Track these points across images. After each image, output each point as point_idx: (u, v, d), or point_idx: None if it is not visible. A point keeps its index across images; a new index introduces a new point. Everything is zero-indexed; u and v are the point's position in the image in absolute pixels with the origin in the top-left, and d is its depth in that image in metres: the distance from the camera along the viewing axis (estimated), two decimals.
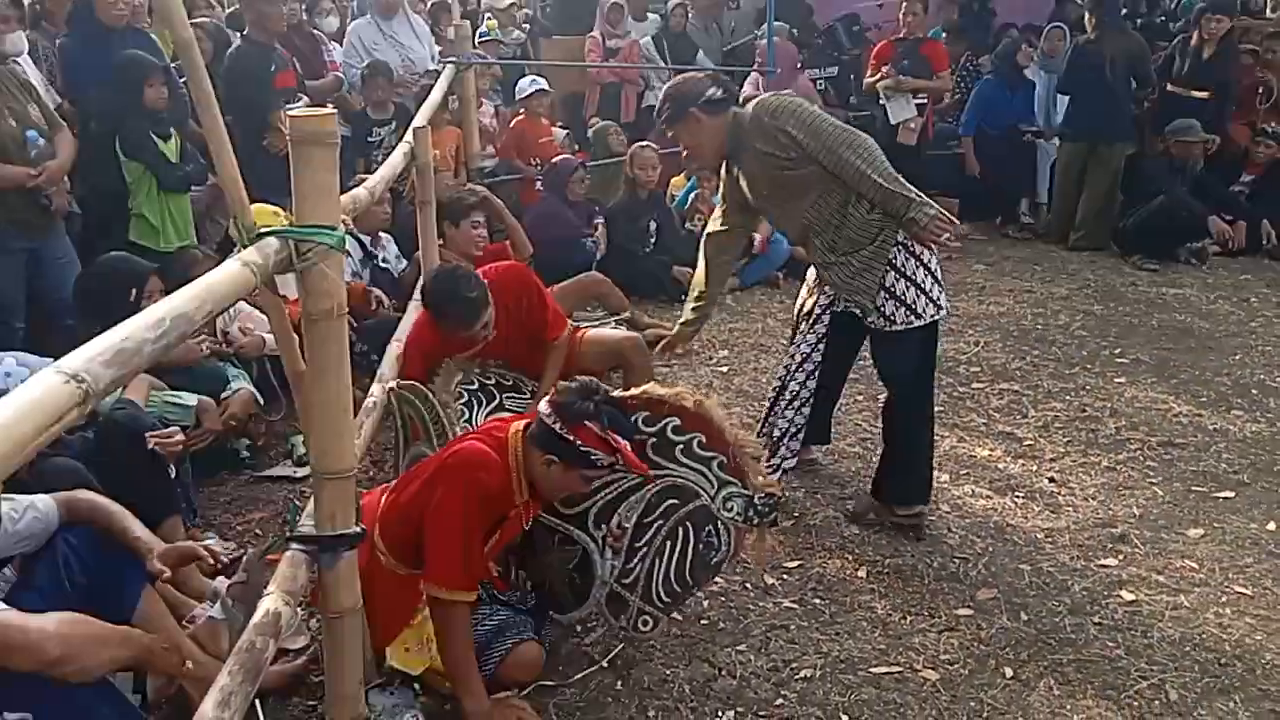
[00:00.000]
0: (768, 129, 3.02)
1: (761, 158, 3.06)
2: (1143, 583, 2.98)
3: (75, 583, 2.06)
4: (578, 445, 2.29)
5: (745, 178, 3.19)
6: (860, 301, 3.09)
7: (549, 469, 2.33)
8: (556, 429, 2.30)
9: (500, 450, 2.36)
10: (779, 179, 3.08)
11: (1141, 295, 6.01)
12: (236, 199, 1.89)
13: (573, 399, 2.32)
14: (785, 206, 3.16)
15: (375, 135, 5.71)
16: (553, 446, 2.31)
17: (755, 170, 3.13)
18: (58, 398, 1.08)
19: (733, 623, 2.79)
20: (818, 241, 3.12)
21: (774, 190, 3.13)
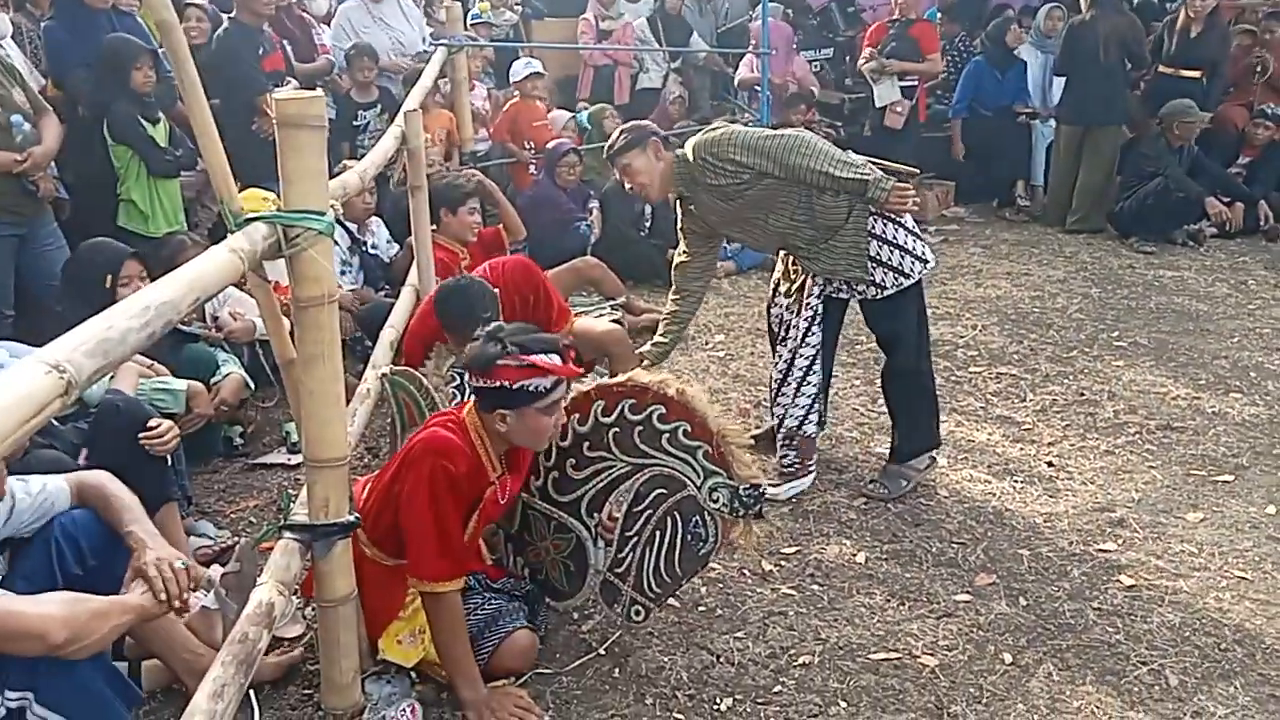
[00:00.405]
0: (713, 164, 3.16)
1: (715, 190, 3.20)
2: (1142, 567, 2.96)
3: (69, 573, 2.03)
4: (507, 386, 2.25)
5: (706, 212, 3.31)
6: (854, 278, 3.19)
7: (507, 424, 2.29)
8: (483, 385, 2.27)
9: (462, 432, 2.34)
10: (741, 204, 3.20)
11: (1139, 278, 5.99)
12: (223, 184, 1.86)
13: (477, 351, 2.28)
14: (754, 226, 3.26)
15: (361, 119, 5.66)
16: (493, 402, 2.28)
17: (713, 203, 3.26)
18: (40, 389, 1.05)
19: (730, 609, 2.77)
20: (797, 242, 3.23)
21: (738, 215, 3.25)
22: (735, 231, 3.38)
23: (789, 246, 3.30)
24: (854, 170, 3.09)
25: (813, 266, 3.26)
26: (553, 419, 2.33)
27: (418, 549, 2.28)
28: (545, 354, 2.28)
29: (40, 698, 1.86)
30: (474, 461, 2.33)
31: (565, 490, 2.57)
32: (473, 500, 2.35)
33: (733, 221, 3.29)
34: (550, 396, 2.29)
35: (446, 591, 2.29)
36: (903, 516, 3.26)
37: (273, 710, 2.36)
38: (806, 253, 3.23)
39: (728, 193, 3.19)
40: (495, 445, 2.37)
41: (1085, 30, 6.73)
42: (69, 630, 1.72)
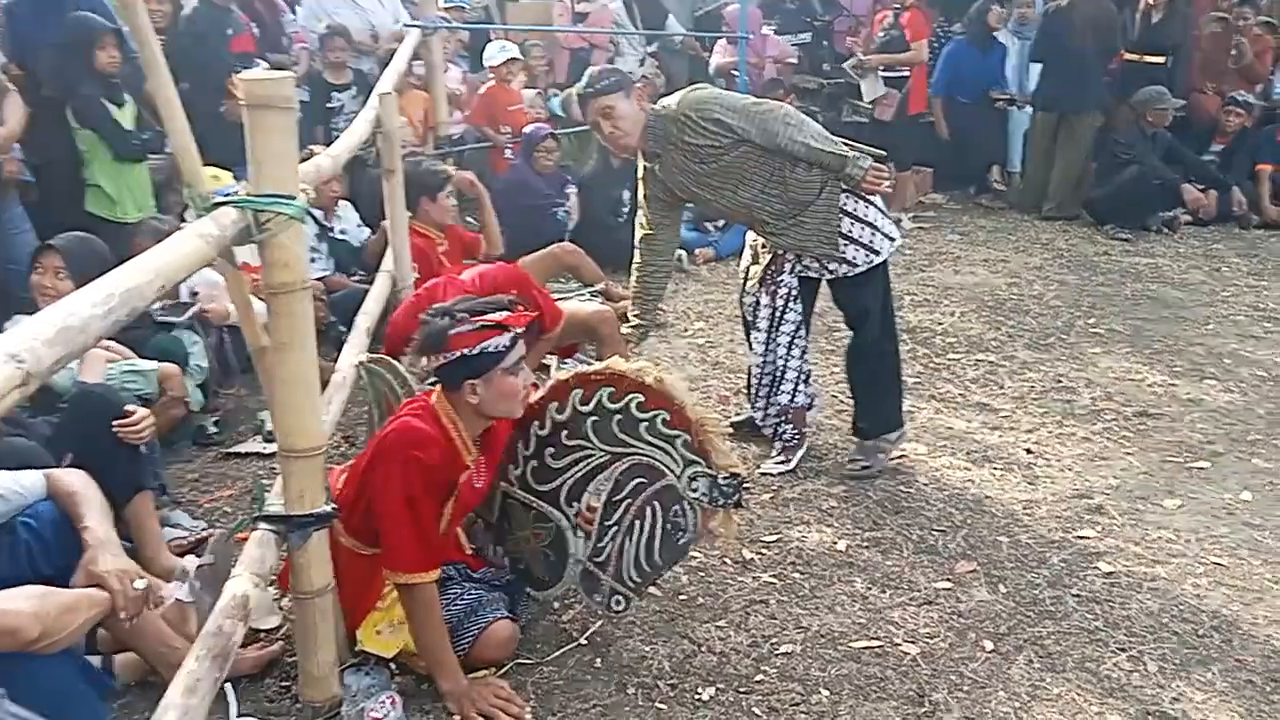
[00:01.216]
0: (695, 122, 3.07)
1: (690, 151, 3.12)
2: (1120, 554, 2.97)
3: (39, 573, 1.99)
4: (468, 353, 2.21)
5: (673, 173, 3.20)
6: (824, 253, 3.18)
7: (477, 394, 2.25)
8: (444, 361, 2.24)
9: (432, 419, 2.30)
10: (713, 168, 3.12)
11: (1114, 265, 6.02)
12: (190, 167, 1.80)
13: (427, 331, 2.25)
14: (720, 194, 3.19)
15: (335, 101, 5.57)
16: (459, 374, 2.24)
17: (684, 164, 3.16)
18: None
19: (711, 598, 2.75)
20: (765, 215, 3.19)
21: (706, 180, 3.17)
22: (702, 197, 3.25)
23: (753, 220, 3.25)
24: (835, 144, 3.09)
25: (780, 242, 3.23)
26: (520, 379, 2.30)
27: (392, 540, 2.25)
28: (495, 312, 2.26)
29: (13, 694, 1.81)
30: (447, 448, 2.29)
31: (544, 479, 2.54)
32: (448, 487, 2.31)
33: (700, 186, 3.20)
34: (512, 354, 2.26)
35: (422, 583, 2.26)
36: (883, 504, 3.25)
37: (250, 702, 2.32)
38: (773, 227, 3.20)
39: (702, 154, 3.11)
40: (469, 428, 2.34)
41: (1062, 16, 6.74)
42: (41, 625, 1.69)
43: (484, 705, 2.27)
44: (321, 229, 4.59)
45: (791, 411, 3.40)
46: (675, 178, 3.22)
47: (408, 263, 3.89)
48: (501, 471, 2.56)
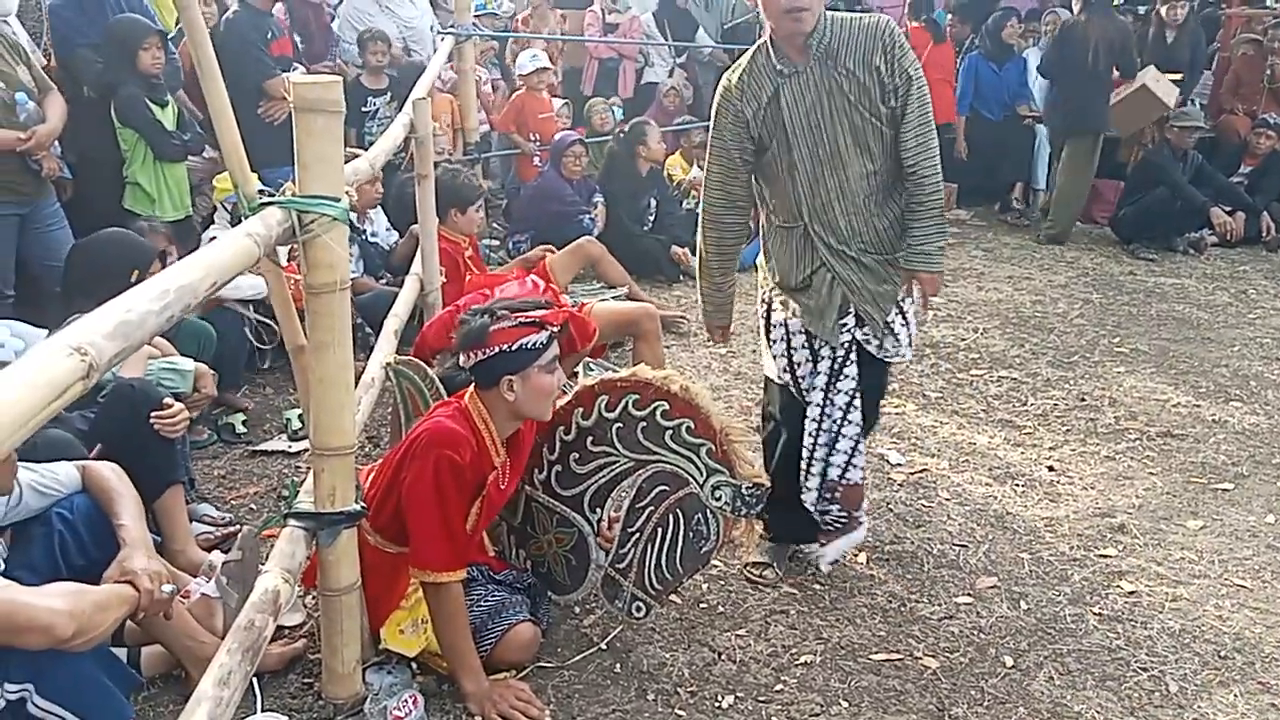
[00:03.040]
0: (882, 52, 2.49)
1: (848, 82, 2.49)
2: (1142, 573, 2.97)
3: (72, 565, 2.02)
4: (506, 349, 2.25)
5: (803, 104, 2.52)
6: (879, 311, 2.66)
7: (514, 391, 2.28)
8: (482, 357, 2.27)
9: (464, 419, 2.33)
10: (849, 125, 2.52)
11: (1140, 285, 6.00)
12: (238, 168, 1.84)
13: (466, 330, 2.28)
14: (833, 161, 2.55)
15: (370, 105, 5.63)
16: (496, 371, 2.27)
17: (827, 99, 2.51)
18: (61, 371, 1.03)
19: (732, 607, 2.77)
20: (847, 221, 2.61)
21: (833, 130, 2.53)
22: (799, 154, 2.56)
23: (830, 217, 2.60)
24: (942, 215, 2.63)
25: (840, 266, 2.62)
26: (554, 378, 2.33)
27: (420, 538, 2.28)
28: (533, 310, 2.30)
29: (40, 689, 1.85)
30: (478, 448, 2.32)
31: (568, 484, 2.56)
32: (477, 487, 2.34)
33: (813, 133, 2.54)
34: (548, 352, 2.30)
35: (448, 582, 2.28)
36: (904, 518, 3.26)
37: (274, 699, 2.35)
38: (849, 244, 2.61)
39: (852, 99, 2.50)
40: (500, 429, 2.36)
41: (1077, 34, 6.55)
42: (76, 623, 1.72)
43: (504, 707, 2.29)
44: (354, 231, 4.65)
45: (843, 489, 2.76)
46: (797, 110, 2.53)
47: (436, 266, 3.92)
48: (526, 475, 2.59)
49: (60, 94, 3.80)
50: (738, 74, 2.63)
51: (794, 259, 2.70)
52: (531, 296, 2.46)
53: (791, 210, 2.66)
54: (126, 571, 1.93)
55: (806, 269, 2.68)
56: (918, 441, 3.83)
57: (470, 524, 2.37)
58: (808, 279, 2.68)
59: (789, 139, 2.57)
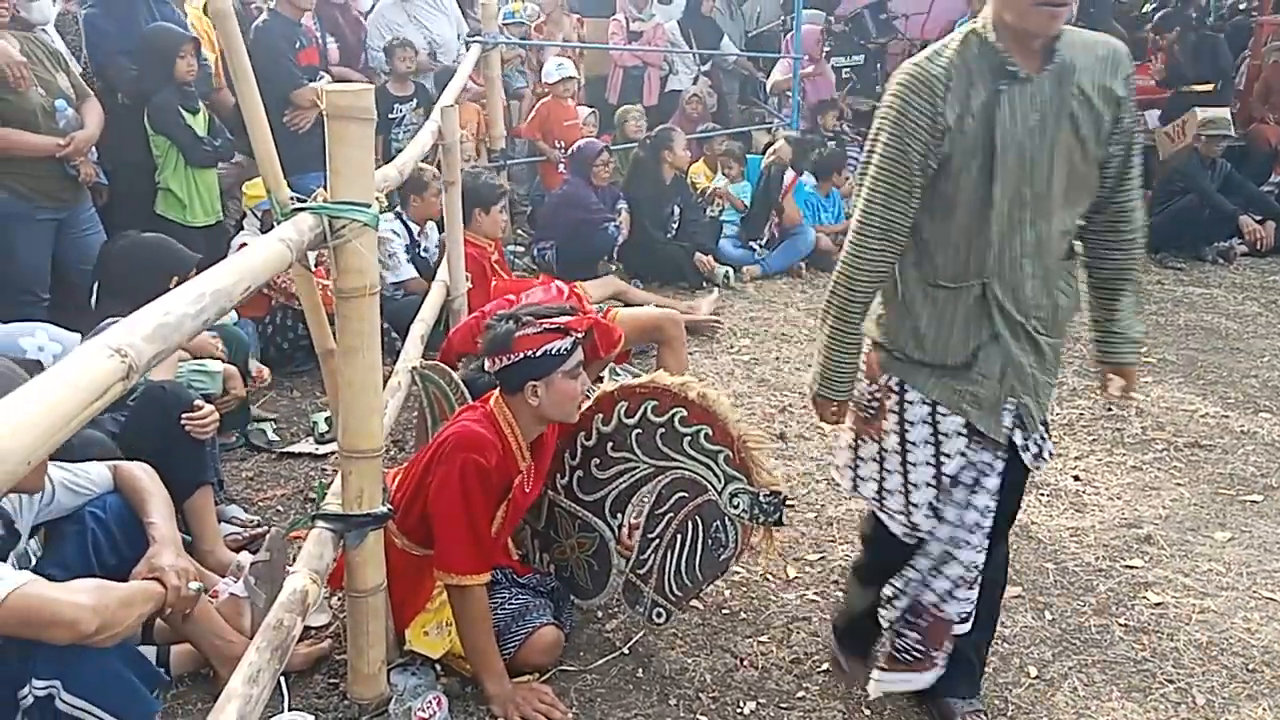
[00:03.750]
0: (1123, 78, 1.94)
1: (1081, 107, 1.91)
2: (1169, 585, 2.94)
3: (104, 563, 2.06)
4: (531, 355, 2.27)
5: (1024, 124, 1.88)
6: (1039, 408, 2.08)
7: (539, 396, 2.31)
8: (507, 363, 2.29)
9: (490, 423, 2.35)
10: (1066, 162, 1.92)
11: (1168, 294, 5.95)
12: (271, 174, 1.88)
13: (492, 336, 2.31)
14: (1038, 205, 1.92)
15: (397, 112, 5.68)
16: (521, 377, 2.30)
17: (1053, 123, 1.89)
18: (102, 373, 1.06)
19: (754, 613, 2.77)
20: (1033, 286, 1.98)
21: (1047, 169, 1.91)
22: (1001, 188, 1.89)
23: (1017, 274, 1.96)
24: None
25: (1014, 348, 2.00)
26: (579, 383, 2.35)
27: (446, 541, 2.30)
28: (558, 316, 2.32)
29: (68, 685, 1.88)
30: (504, 452, 2.34)
31: (590, 490, 2.58)
32: (502, 491, 2.36)
33: (1023, 170, 1.89)
34: (573, 358, 2.32)
35: (473, 585, 2.30)
36: None
37: (299, 698, 2.37)
38: (1030, 314, 1.99)
39: (1094, 116, 1.91)
40: (525, 432, 2.38)
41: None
42: (100, 618, 1.75)
43: (528, 710, 2.31)
44: (412, 241, 4.70)
45: (931, 619, 2.19)
46: (1014, 129, 1.88)
47: (462, 272, 3.96)
48: (549, 480, 2.60)
49: (98, 101, 3.87)
50: (940, 63, 1.92)
51: (959, 328, 2.02)
52: (556, 303, 2.48)
53: (966, 262, 1.98)
54: (154, 568, 1.96)
55: (973, 342, 2.02)
56: None
57: (495, 527, 2.39)
58: (971, 357, 2.02)
59: (993, 166, 1.89)
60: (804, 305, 5.59)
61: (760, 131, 7.67)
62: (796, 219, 6.14)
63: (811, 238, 6.17)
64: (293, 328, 4.14)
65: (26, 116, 3.57)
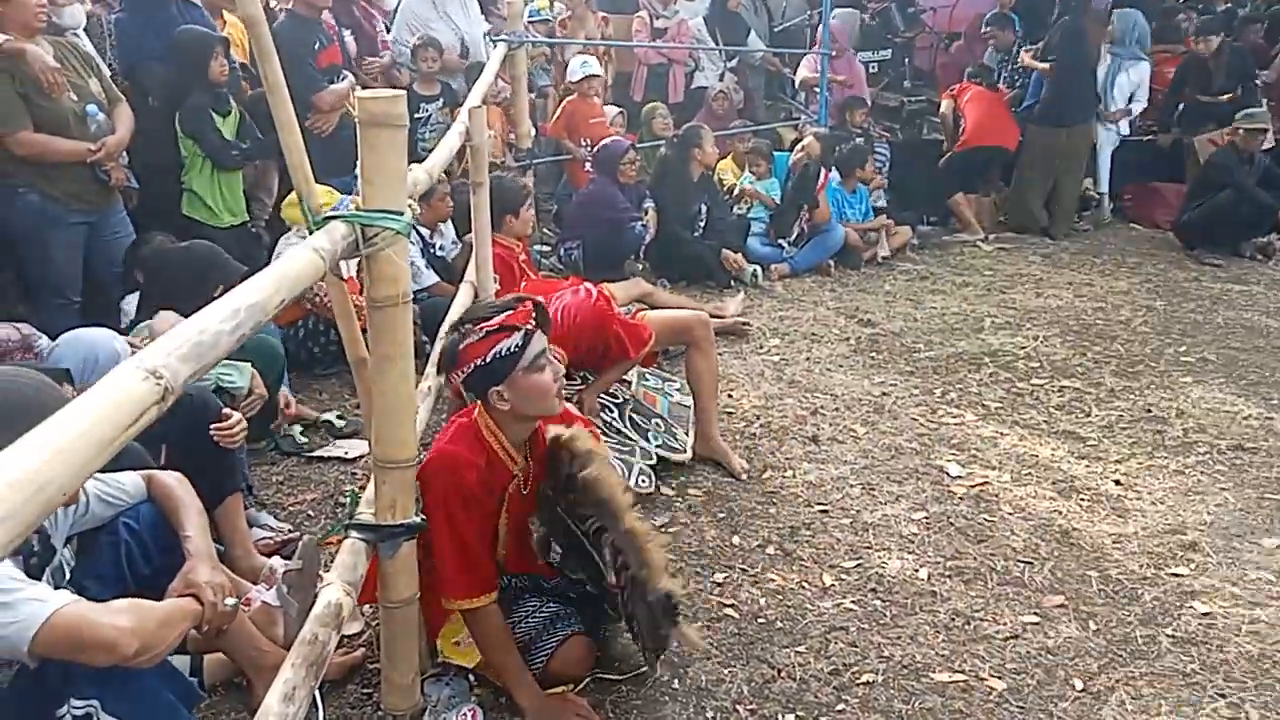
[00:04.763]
0: None
1: None
2: (1217, 594, 2.87)
3: (138, 574, 2.05)
4: (482, 363, 2.19)
5: None
6: None
7: (507, 398, 2.22)
8: (466, 372, 2.21)
9: (471, 435, 2.29)
10: None
11: (1206, 291, 5.83)
12: (303, 182, 1.85)
13: (441, 350, 2.27)
14: None
15: (423, 111, 5.66)
16: (482, 384, 2.22)
17: None
18: (137, 396, 1.03)
19: (790, 622, 2.72)
20: None
21: None
22: None
23: None
24: None
25: None
26: (547, 374, 2.25)
27: (440, 568, 2.26)
28: (499, 314, 2.22)
29: (107, 705, 1.86)
30: (490, 462, 2.28)
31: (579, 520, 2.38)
32: (496, 502, 2.31)
33: None
34: (528, 351, 2.21)
35: (478, 607, 2.27)
36: (965, 533, 3.18)
37: (333, 709, 2.35)
38: None
39: None
40: (512, 435, 2.31)
41: (1079, 30, 6.86)
42: (140, 640, 1.73)
43: None
44: (425, 244, 4.69)
45: None
46: None
47: (490, 273, 3.92)
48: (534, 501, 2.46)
49: (128, 105, 3.87)
50: None
51: None
52: (503, 299, 2.34)
53: None
54: (191, 584, 1.94)
55: None
56: (978, 453, 3.74)
57: (502, 538, 2.35)
58: None
59: None
60: (833, 304, 5.52)
61: (787, 128, 7.59)
62: (827, 216, 6.07)
63: (840, 235, 6.10)
64: (325, 333, 4.12)
65: (59, 121, 3.57)
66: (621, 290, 4.66)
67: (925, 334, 5.04)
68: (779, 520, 3.24)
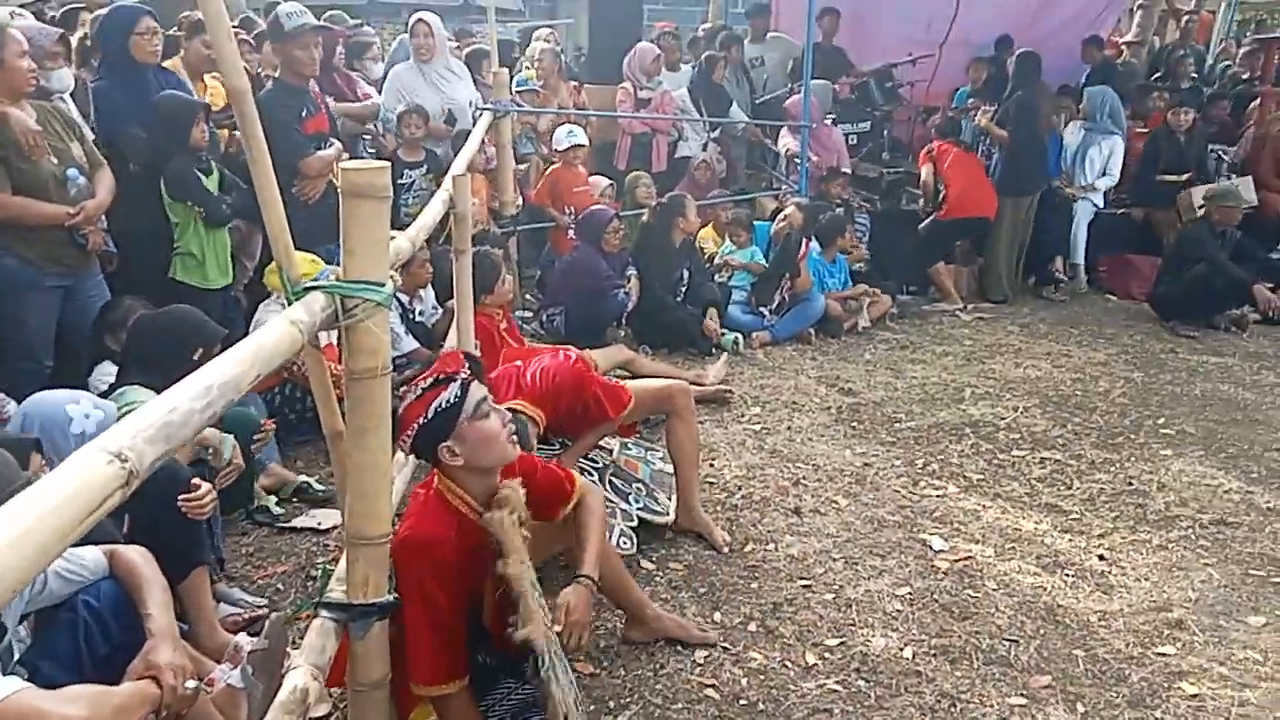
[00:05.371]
0: None
1: None
2: (1205, 674, 2.82)
3: (96, 654, 1.97)
4: (424, 421, 2.14)
5: None
6: None
7: (458, 453, 2.17)
8: (411, 435, 2.17)
9: (438, 505, 2.24)
10: None
11: (1182, 363, 5.88)
12: (283, 251, 1.82)
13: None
14: None
15: (406, 178, 5.68)
16: (429, 445, 2.17)
17: None
18: (101, 480, 0.99)
19: (773, 704, 2.65)
20: None
21: None
22: None
23: None
24: None
25: None
26: (493, 420, 2.20)
27: (414, 650, 2.19)
28: (429, 369, 2.20)
29: None
30: (459, 530, 2.22)
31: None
32: (480, 570, 2.24)
33: None
34: (469, 399, 2.17)
35: (450, 694, 2.20)
36: (950, 609, 3.14)
37: None
38: None
39: None
40: (476, 491, 2.25)
41: (1031, 103, 7.08)
42: None
43: None
44: (405, 311, 4.67)
45: None
46: None
47: (471, 341, 3.90)
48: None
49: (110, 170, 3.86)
50: None
51: None
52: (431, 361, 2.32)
53: None
54: (151, 665, 1.87)
55: None
56: (961, 526, 3.71)
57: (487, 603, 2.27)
58: None
59: None
60: (814, 373, 5.52)
61: (768, 197, 7.69)
62: (808, 285, 6.11)
63: (821, 304, 6.13)
64: (301, 399, 4.07)
65: (38, 184, 3.55)
66: (603, 357, 4.64)
67: (906, 403, 5.04)
68: (761, 596, 3.18)
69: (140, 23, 4.17)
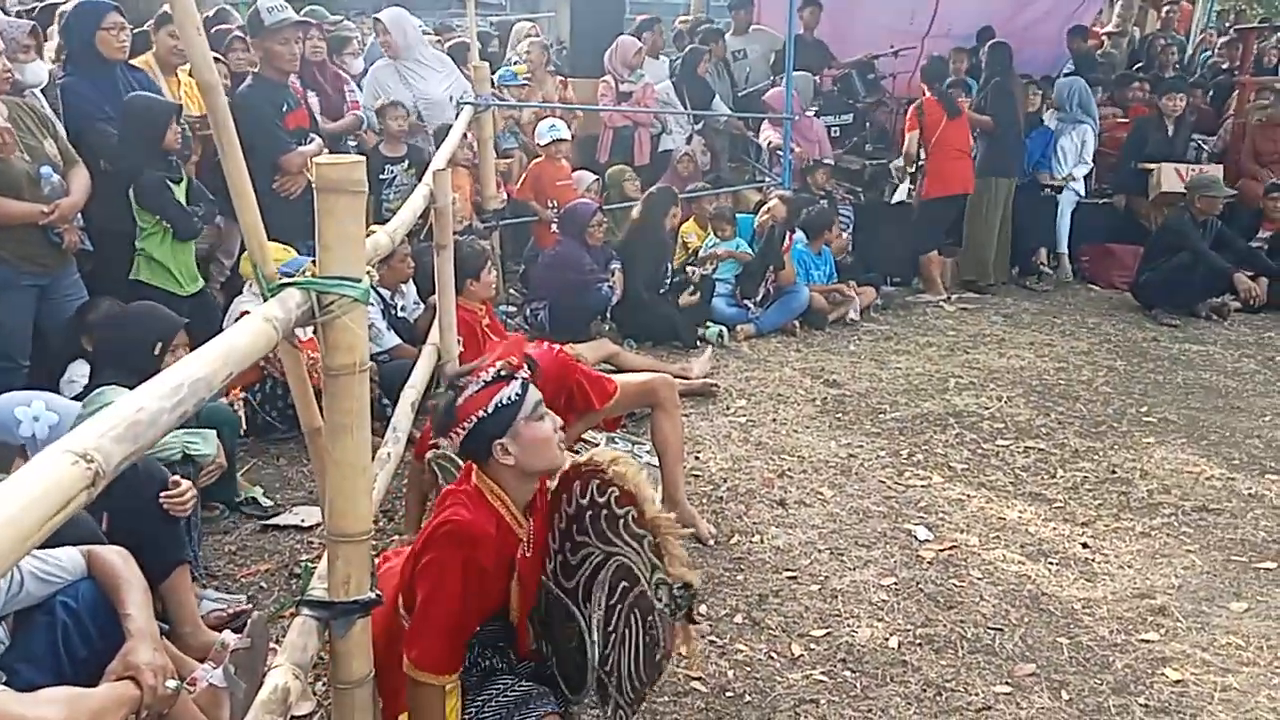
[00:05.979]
0: None
1: None
2: (1188, 660, 2.84)
3: (75, 656, 1.94)
4: (484, 415, 2.13)
5: None
6: None
7: (510, 453, 2.15)
8: (464, 433, 2.15)
9: (480, 503, 2.21)
10: None
11: (1164, 351, 5.91)
12: (258, 248, 1.80)
13: (436, 413, 2.21)
14: None
15: (388, 173, 5.65)
16: (484, 440, 2.14)
17: None
18: (65, 481, 0.97)
19: (759, 695, 2.65)
20: None
21: None
22: None
23: None
24: None
25: None
26: (547, 423, 2.19)
27: (422, 629, 2.15)
28: (494, 364, 2.18)
29: None
30: (499, 530, 2.21)
31: (568, 576, 2.38)
32: (508, 572, 2.23)
33: None
34: (528, 399, 2.16)
35: (435, 685, 2.17)
36: (935, 599, 3.14)
37: None
38: None
39: None
40: (516, 497, 2.24)
41: (1007, 89, 7.15)
42: None
43: None
44: (387, 307, 4.64)
45: None
46: None
47: (454, 335, 3.88)
48: (541, 565, 2.47)
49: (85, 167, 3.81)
50: None
51: None
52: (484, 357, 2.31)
53: None
54: (130, 666, 1.85)
55: None
56: (945, 516, 3.72)
57: (513, 612, 2.27)
58: None
59: None
60: (799, 364, 5.52)
61: (751, 190, 7.68)
62: (792, 277, 6.11)
63: (805, 296, 6.13)
64: (282, 397, 4.04)
65: (11, 183, 3.50)
66: (588, 351, 4.62)
67: (890, 394, 5.05)
68: (747, 588, 3.18)
69: (107, 18, 4.10)
